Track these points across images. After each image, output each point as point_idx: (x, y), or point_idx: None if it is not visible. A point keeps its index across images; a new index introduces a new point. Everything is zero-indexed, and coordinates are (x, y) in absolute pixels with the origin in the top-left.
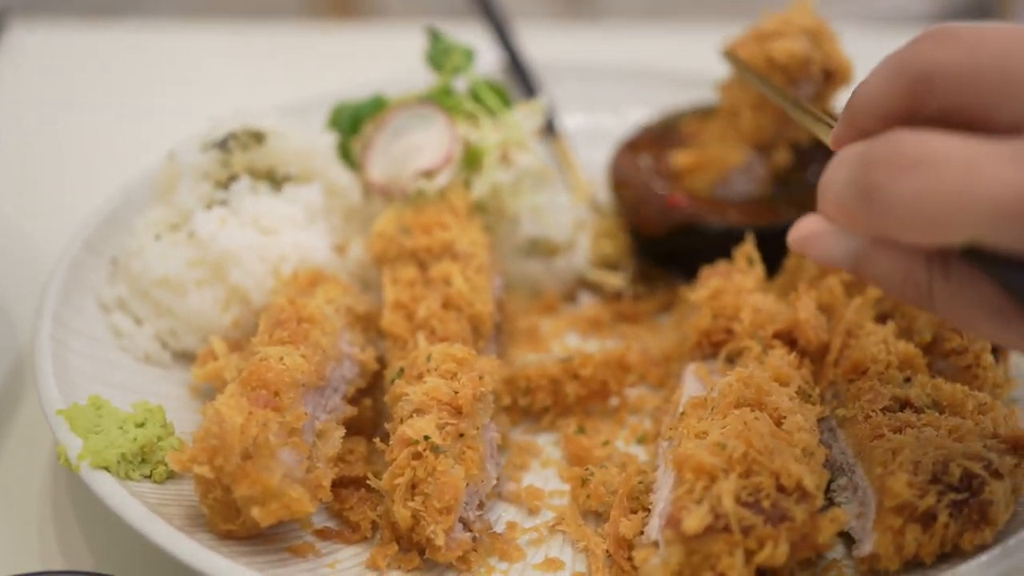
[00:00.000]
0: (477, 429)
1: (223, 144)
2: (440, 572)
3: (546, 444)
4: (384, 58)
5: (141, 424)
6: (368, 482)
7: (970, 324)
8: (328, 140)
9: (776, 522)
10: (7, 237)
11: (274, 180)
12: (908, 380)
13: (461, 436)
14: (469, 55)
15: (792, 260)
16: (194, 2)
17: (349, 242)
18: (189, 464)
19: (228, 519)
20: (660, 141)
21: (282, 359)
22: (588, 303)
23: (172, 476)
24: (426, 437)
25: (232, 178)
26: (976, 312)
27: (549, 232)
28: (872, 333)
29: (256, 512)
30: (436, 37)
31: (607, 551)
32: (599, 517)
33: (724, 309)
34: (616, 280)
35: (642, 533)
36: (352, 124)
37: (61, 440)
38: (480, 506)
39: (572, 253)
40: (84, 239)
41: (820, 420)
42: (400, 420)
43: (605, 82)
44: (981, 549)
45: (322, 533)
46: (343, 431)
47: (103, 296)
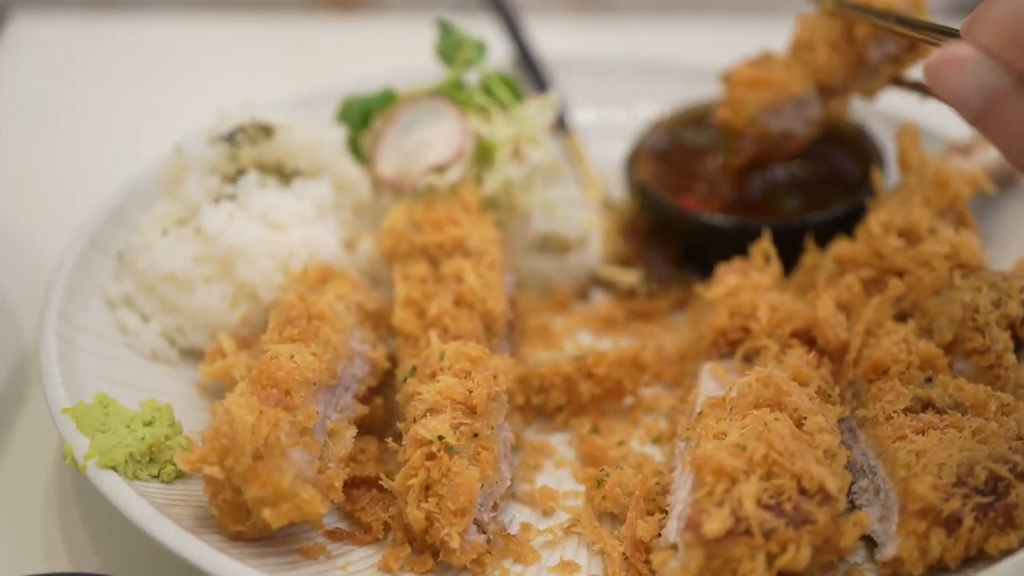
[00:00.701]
0: (492, 429)
1: (231, 138)
2: (454, 574)
3: (560, 444)
4: (393, 52)
5: (149, 423)
6: (380, 483)
7: None
8: (337, 134)
9: (798, 525)
10: (10, 233)
11: (283, 174)
12: (929, 380)
13: (476, 436)
14: (481, 48)
15: (809, 258)
16: None
17: (359, 238)
18: (199, 464)
19: (238, 520)
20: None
21: (293, 357)
22: (601, 300)
23: (180, 476)
24: (440, 437)
25: (240, 172)
26: None
27: (561, 228)
28: (892, 332)
29: (267, 513)
30: (447, 30)
31: (624, 554)
32: (615, 519)
33: (741, 307)
34: (629, 277)
35: (659, 536)
36: (362, 118)
37: (67, 439)
38: (494, 507)
39: (584, 249)
40: (89, 235)
41: (840, 421)
42: (413, 419)
43: (616, 77)
44: (1007, 553)
45: (333, 534)
46: (355, 430)
47: (109, 292)
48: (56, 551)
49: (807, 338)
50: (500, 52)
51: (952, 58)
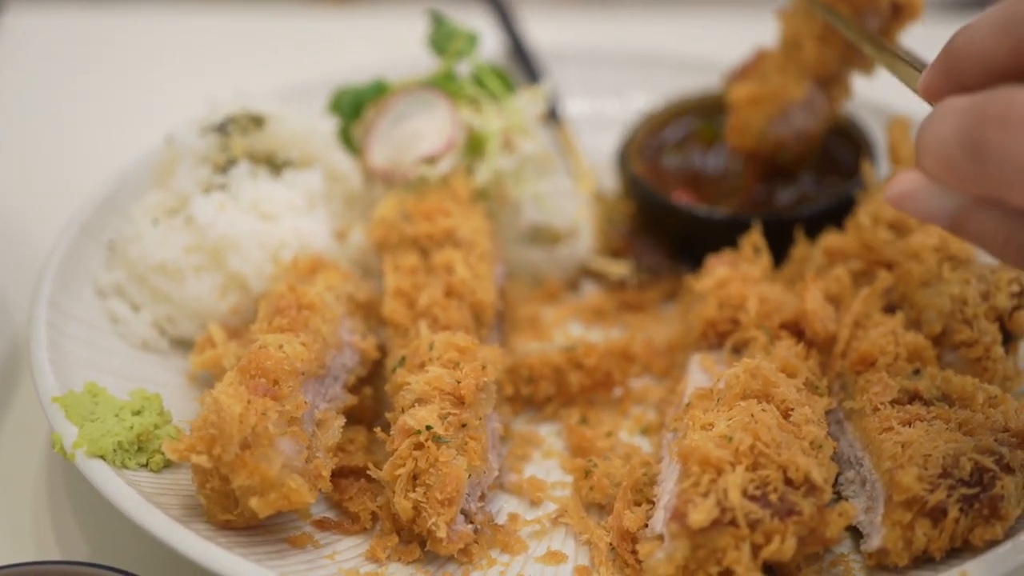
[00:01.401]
0: (480, 419)
1: (222, 128)
2: (441, 564)
3: (548, 434)
4: (385, 43)
5: (138, 412)
6: (368, 472)
7: None
8: (329, 125)
9: (784, 516)
10: (2, 222)
11: (274, 165)
12: (917, 372)
13: (463, 426)
14: (472, 39)
15: (799, 250)
16: None
17: (350, 228)
18: (187, 453)
19: (226, 509)
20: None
21: (282, 347)
22: (591, 292)
23: (169, 465)
24: (428, 427)
25: (231, 162)
26: None
27: (552, 219)
28: (880, 324)
29: (254, 502)
30: (439, 21)
31: (611, 544)
32: (602, 509)
33: (730, 299)
34: (620, 268)
35: (646, 526)
36: (353, 109)
37: (56, 428)
38: (482, 497)
39: (575, 241)
40: (81, 223)
41: (827, 412)
42: (402, 409)
43: (608, 68)
44: (992, 544)
45: (321, 524)
46: (343, 420)
47: (100, 282)
48: (46, 540)
49: (796, 330)
50: (493, 43)
51: (907, 192)
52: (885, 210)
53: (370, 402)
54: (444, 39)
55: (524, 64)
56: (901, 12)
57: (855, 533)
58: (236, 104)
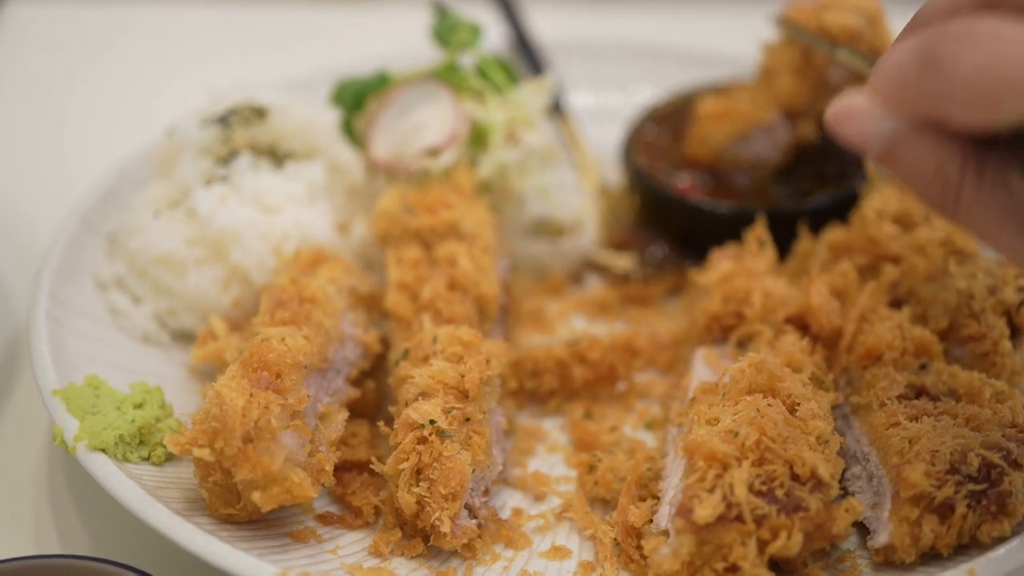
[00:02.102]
0: (484, 413)
1: (224, 119)
2: (444, 559)
3: (552, 429)
4: (387, 34)
5: (139, 405)
6: (371, 466)
7: (991, 234)
8: (331, 116)
9: (790, 512)
10: (3, 214)
11: (276, 156)
12: (924, 367)
13: (467, 421)
14: (476, 31)
15: (804, 244)
16: None
17: (352, 221)
18: (188, 446)
19: (228, 503)
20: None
21: (284, 340)
22: (595, 285)
23: (171, 458)
24: (432, 421)
25: (233, 154)
26: (1002, 221)
27: (556, 212)
28: (886, 318)
29: (257, 496)
30: (443, 13)
31: (615, 539)
32: (607, 504)
33: (734, 292)
34: (624, 262)
35: (651, 521)
36: (356, 100)
37: (57, 421)
38: (486, 492)
39: (579, 234)
40: (82, 215)
41: (833, 407)
42: (405, 403)
43: (613, 60)
44: (999, 541)
45: (324, 518)
46: (346, 414)
47: (101, 274)
48: (47, 534)
49: (801, 324)
50: (496, 35)
51: (849, 108)
52: (890, 204)
53: (373, 396)
54: (447, 31)
55: (528, 56)
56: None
57: (862, 529)
58: (238, 95)
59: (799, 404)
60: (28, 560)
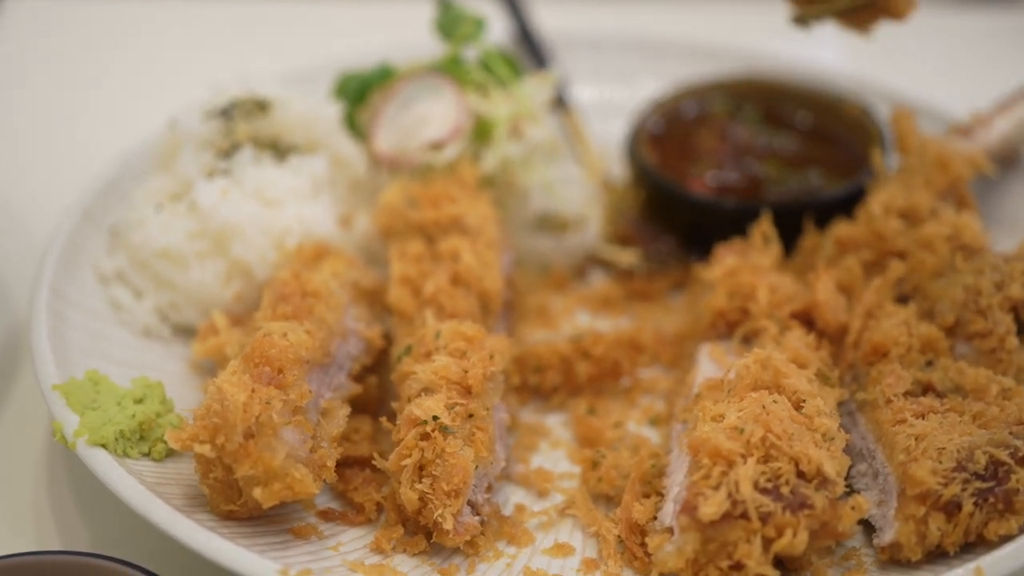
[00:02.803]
0: (487, 409)
1: (226, 112)
2: (447, 556)
3: (556, 425)
4: (391, 27)
5: (140, 400)
6: (374, 462)
7: None
8: (334, 110)
9: (795, 509)
10: (3, 207)
11: (278, 150)
12: (930, 364)
13: (471, 417)
14: (480, 24)
15: (810, 240)
16: None
17: (355, 215)
18: (189, 442)
19: (229, 499)
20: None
21: (286, 335)
22: (599, 280)
23: (172, 454)
24: (435, 417)
25: (235, 147)
26: None
27: (560, 207)
28: (892, 314)
29: (258, 492)
30: (446, 6)
31: (619, 536)
32: (610, 501)
33: (740, 288)
34: (628, 257)
35: (655, 518)
36: (359, 93)
37: (57, 416)
38: (489, 488)
39: (583, 229)
40: (83, 208)
41: (839, 404)
42: (408, 399)
43: (617, 54)
44: (1007, 539)
45: (325, 514)
46: (348, 410)
47: (102, 267)
48: (46, 530)
49: (806, 320)
50: (500, 28)
51: None
52: (896, 199)
53: (375, 391)
54: (451, 24)
55: (532, 50)
56: None
57: (868, 527)
58: (240, 88)
59: (805, 401)
60: (28, 556)
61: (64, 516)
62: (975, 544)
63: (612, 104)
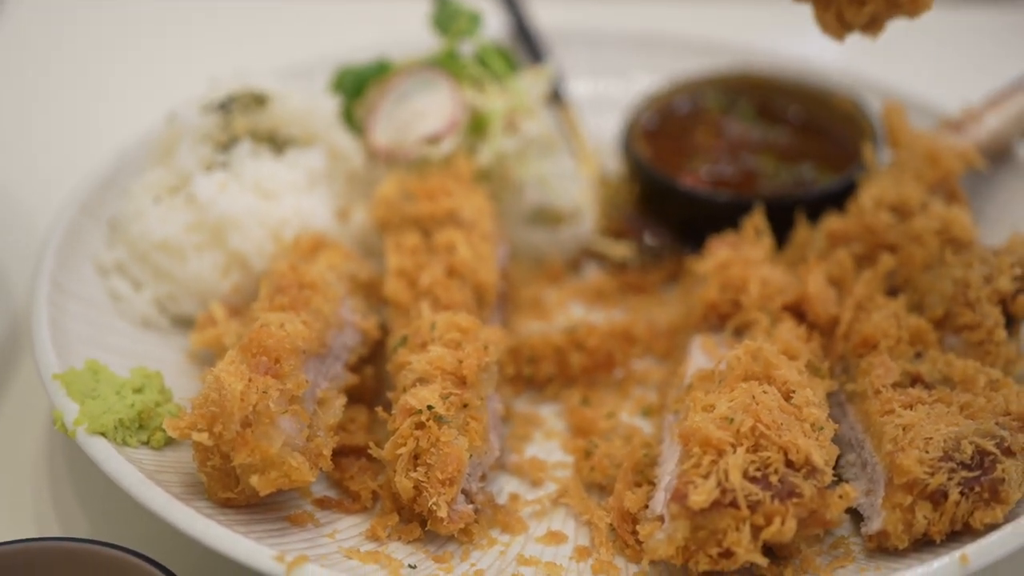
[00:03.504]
0: (481, 399)
1: (224, 106)
2: (441, 543)
3: (549, 415)
4: (388, 22)
5: (139, 390)
6: (369, 451)
7: None
8: (331, 103)
9: (784, 498)
10: (3, 200)
11: (276, 143)
12: (919, 355)
13: (465, 406)
14: (475, 19)
15: (801, 233)
16: None
17: (351, 208)
18: (187, 431)
19: (227, 487)
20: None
21: (283, 325)
22: (593, 273)
23: (170, 443)
24: (430, 407)
25: (233, 140)
26: None
27: (554, 200)
28: (882, 307)
29: (255, 480)
30: (442, 1)
31: (611, 524)
32: (603, 490)
33: (732, 281)
34: (622, 250)
35: (647, 507)
36: (356, 88)
37: (57, 405)
38: (483, 477)
39: (577, 222)
40: (82, 201)
41: (829, 395)
42: (403, 389)
43: (612, 49)
44: (992, 528)
45: (322, 503)
46: (344, 399)
47: (101, 259)
48: (46, 517)
49: (797, 312)
50: (497, 23)
51: None
52: (887, 193)
53: (371, 382)
54: (447, 18)
55: (528, 44)
56: None
57: (856, 516)
58: (239, 83)
59: (794, 391)
60: (28, 543)
61: (64, 503)
62: (961, 532)
63: (607, 99)
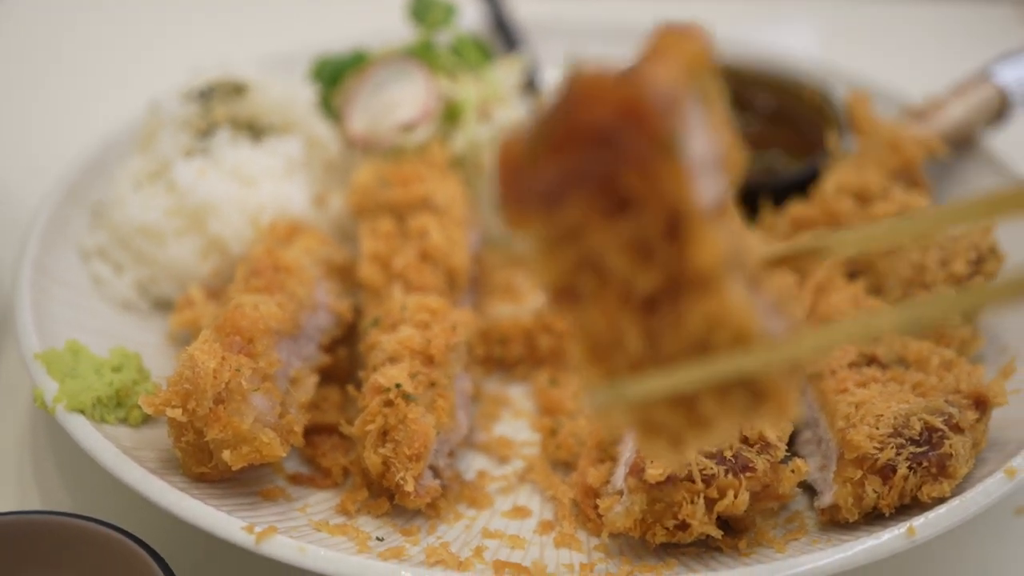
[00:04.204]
0: (449, 378)
1: (205, 94)
2: (409, 517)
3: (518, 395)
4: (365, 13)
5: (117, 369)
6: (340, 429)
7: None
8: (309, 93)
9: (738, 472)
10: None
11: (254, 131)
12: (876, 337)
13: (432, 385)
14: (450, 10)
15: (767, 218)
16: None
17: (329, 194)
18: (162, 407)
19: (200, 462)
20: None
21: (257, 307)
22: None
23: (147, 421)
24: (398, 385)
25: (213, 128)
26: None
27: None
28: (843, 289)
29: (227, 455)
30: None
31: (574, 499)
32: (568, 467)
33: None
34: None
35: (608, 483)
36: (333, 77)
37: (38, 383)
38: (451, 454)
39: None
40: (66, 187)
41: None
42: (373, 368)
43: (586, 39)
44: (939, 502)
45: (294, 478)
46: (317, 378)
47: (84, 244)
48: (28, 491)
49: None
50: (475, 14)
51: None
52: (849, 180)
53: (345, 363)
54: (423, 10)
55: (504, 35)
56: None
57: (811, 491)
58: (219, 72)
59: None
60: (10, 516)
61: (45, 478)
62: (910, 506)
63: None
